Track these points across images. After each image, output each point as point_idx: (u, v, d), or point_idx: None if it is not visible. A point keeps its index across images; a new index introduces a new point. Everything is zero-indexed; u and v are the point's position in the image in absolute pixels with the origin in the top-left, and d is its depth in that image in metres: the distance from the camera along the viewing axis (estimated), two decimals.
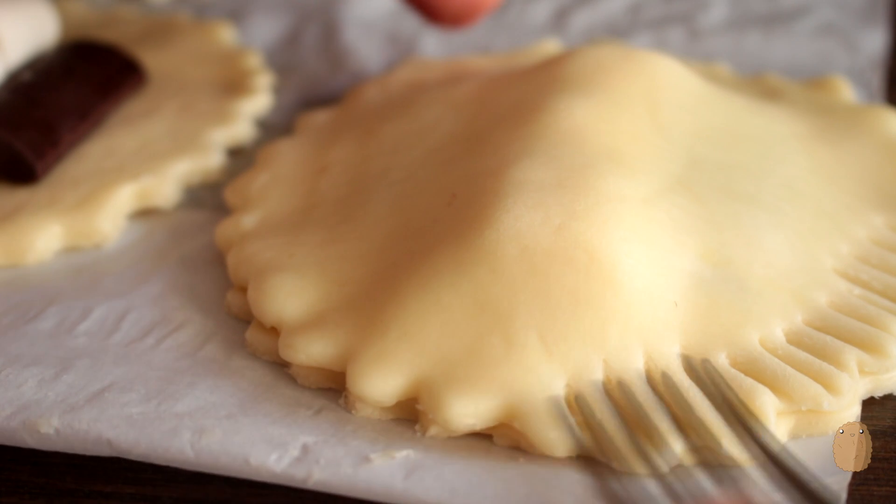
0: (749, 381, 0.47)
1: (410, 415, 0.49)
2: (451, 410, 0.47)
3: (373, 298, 0.51)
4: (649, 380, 0.48)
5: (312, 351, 0.50)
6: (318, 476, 0.46)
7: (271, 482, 0.47)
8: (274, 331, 0.52)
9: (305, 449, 0.47)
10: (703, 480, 0.45)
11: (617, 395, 0.48)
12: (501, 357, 0.48)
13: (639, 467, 0.46)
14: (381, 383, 0.48)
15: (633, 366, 0.48)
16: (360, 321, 0.50)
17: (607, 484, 0.45)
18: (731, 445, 0.46)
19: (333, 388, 0.50)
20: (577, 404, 0.47)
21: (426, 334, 0.49)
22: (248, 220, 0.58)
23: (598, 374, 0.48)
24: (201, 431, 0.48)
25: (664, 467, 0.46)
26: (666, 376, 0.48)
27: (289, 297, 0.52)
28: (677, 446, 0.46)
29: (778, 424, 0.47)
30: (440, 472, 0.46)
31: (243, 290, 0.54)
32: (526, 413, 0.47)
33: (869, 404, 0.50)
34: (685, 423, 0.46)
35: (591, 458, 0.46)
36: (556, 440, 0.46)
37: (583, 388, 0.48)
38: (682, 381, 0.48)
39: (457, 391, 0.47)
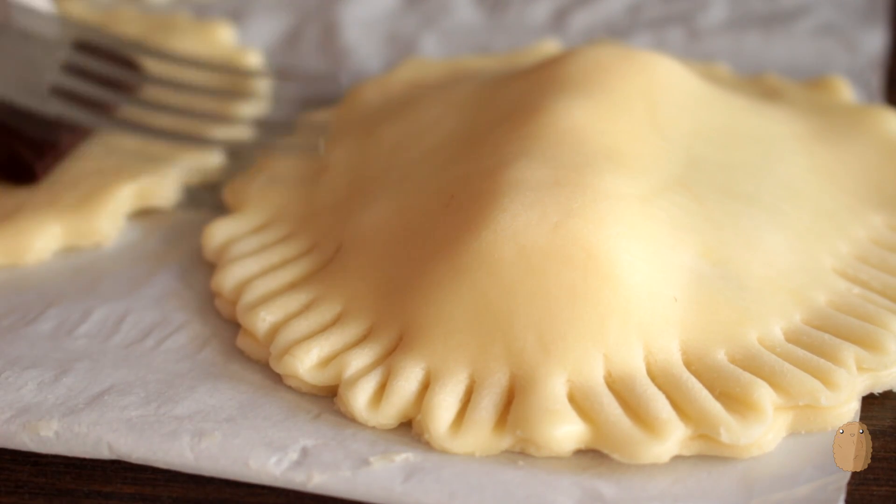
0: (746, 375, 0.48)
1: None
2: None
3: (375, 311, 0.51)
4: (649, 373, 0.48)
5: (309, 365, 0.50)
6: (317, 479, 0.46)
7: (271, 485, 0.47)
8: None
9: (305, 452, 0.47)
10: None
11: (618, 387, 0.48)
12: (502, 363, 0.48)
13: (641, 457, 0.46)
14: (386, 402, 0.49)
15: (633, 360, 0.48)
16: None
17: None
18: (729, 433, 0.46)
19: (328, 395, 0.50)
20: (578, 398, 0.47)
21: (431, 350, 0.49)
22: (245, 223, 0.58)
23: (599, 369, 0.48)
24: (201, 435, 0.48)
25: (666, 456, 0.46)
26: (666, 369, 0.48)
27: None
28: (678, 435, 0.46)
29: (776, 419, 0.47)
30: (439, 474, 0.46)
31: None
32: (528, 416, 0.47)
33: (869, 404, 0.50)
34: (685, 412, 0.47)
35: (594, 451, 0.47)
36: (561, 437, 0.47)
37: (584, 383, 0.48)
38: (682, 373, 0.48)
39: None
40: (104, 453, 0.48)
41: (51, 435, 0.49)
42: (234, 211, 0.59)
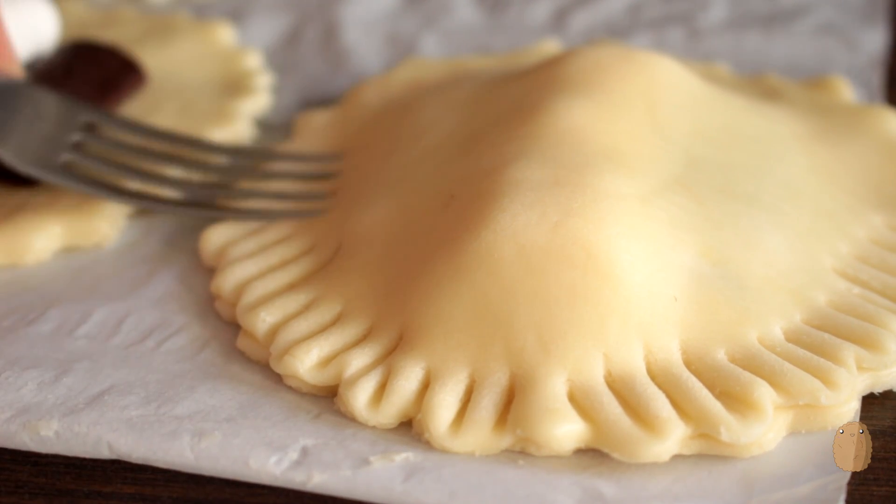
0: (746, 374, 0.48)
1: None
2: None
3: (375, 311, 0.51)
4: (649, 372, 0.48)
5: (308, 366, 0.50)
6: (317, 479, 0.46)
7: (271, 485, 0.47)
8: None
9: (305, 451, 0.47)
10: None
11: (618, 386, 0.48)
12: (502, 362, 0.48)
13: (641, 456, 0.46)
14: (386, 402, 0.49)
15: (633, 359, 0.48)
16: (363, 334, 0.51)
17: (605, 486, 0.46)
18: (729, 432, 0.46)
19: (328, 395, 0.50)
20: (578, 397, 0.47)
21: (431, 349, 0.49)
22: (242, 226, 0.58)
23: (599, 368, 0.48)
24: (201, 434, 0.48)
25: (666, 455, 0.46)
26: (666, 368, 0.48)
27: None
28: (678, 434, 0.46)
29: (776, 418, 0.47)
30: (439, 474, 0.46)
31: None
32: (528, 415, 0.47)
33: (869, 404, 0.50)
34: (685, 411, 0.47)
35: (594, 451, 0.47)
36: (562, 436, 0.47)
37: (584, 382, 0.48)
38: (682, 373, 0.48)
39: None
40: (104, 453, 0.48)
41: (51, 435, 0.49)
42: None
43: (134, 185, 0.59)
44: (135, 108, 0.66)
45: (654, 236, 0.51)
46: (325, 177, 0.60)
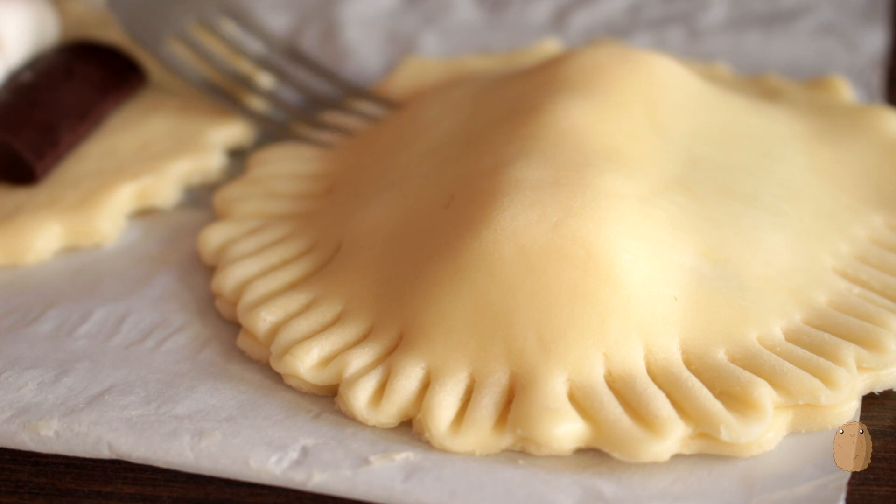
0: (746, 374, 0.48)
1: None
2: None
3: (375, 311, 0.51)
4: (649, 372, 0.48)
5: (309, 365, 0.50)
6: (317, 478, 0.46)
7: (271, 485, 0.47)
8: None
9: (305, 451, 0.47)
10: None
11: (618, 386, 0.48)
12: (502, 362, 0.48)
13: (642, 455, 0.46)
14: (386, 401, 0.49)
15: (633, 359, 0.48)
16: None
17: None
18: (730, 431, 0.46)
19: (328, 395, 0.51)
20: (578, 397, 0.47)
21: (431, 349, 0.49)
22: (240, 226, 0.58)
23: (599, 368, 0.48)
24: (201, 434, 0.48)
25: (666, 455, 0.46)
26: (666, 368, 0.48)
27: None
28: (678, 433, 0.46)
29: (776, 418, 0.47)
30: (439, 473, 0.46)
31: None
32: (528, 415, 0.47)
33: (869, 404, 0.50)
34: (685, 411, 0.47)
35: (594, 450, 0.47)
36: (562, 436, 0.47)
37: (584, 382, 0.48)
38: (682, 372, 0.48)
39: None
40: (104, 453, 0.48)
41: (51, 434, 0.49)
42: (223, 217, 0.59)
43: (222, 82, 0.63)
44: (135, 107, 0.66)
45: (654, 236, 0.51)
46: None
